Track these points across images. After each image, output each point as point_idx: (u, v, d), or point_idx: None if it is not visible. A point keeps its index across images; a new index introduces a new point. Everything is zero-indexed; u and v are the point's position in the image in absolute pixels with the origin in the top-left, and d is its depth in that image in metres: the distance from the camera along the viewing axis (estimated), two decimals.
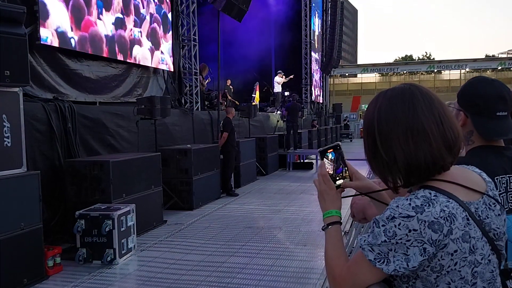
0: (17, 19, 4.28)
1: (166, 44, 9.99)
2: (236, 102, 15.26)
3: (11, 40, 4.19)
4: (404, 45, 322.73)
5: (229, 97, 15.40)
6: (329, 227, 1.29)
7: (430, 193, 1.10)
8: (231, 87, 16.36)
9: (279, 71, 18.22)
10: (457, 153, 1.16)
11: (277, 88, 17.98)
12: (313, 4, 24.09)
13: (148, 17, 9.20)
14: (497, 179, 1.56)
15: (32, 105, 5.64)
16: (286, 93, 18.16)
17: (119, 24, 8.24)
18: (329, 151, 1.36)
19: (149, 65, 9.26)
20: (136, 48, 8.74)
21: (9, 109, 4.30)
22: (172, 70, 10.24)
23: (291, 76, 18.54)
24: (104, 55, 7.81)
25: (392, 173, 1.17)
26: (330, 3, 25.03)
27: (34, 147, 5.54)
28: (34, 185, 4.49)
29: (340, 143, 1.38)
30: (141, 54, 8.94)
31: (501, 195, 1.54)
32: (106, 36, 7.84)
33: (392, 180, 1.18)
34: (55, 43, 6.63)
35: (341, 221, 1.30)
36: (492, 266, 1.13)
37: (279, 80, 17.92)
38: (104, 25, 7.78)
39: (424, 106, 1.13)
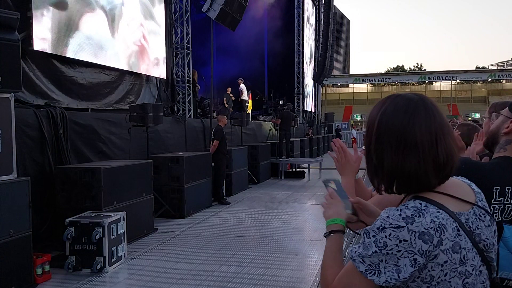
0: (10, 25, 4.27)
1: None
2: (231, 110, 15.38)
3: (4, 46, 4.17)
4: (396, 56, 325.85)
5: (226, 105, 15.63)
6: (331, 234, 1.30)
7: (421, 204, 1.10)
8: (231, 95, 16.48)
9: (240, 78, 16.89)
10: (447, 176, 1.16)
11: (245, 96, 16.76)
12: (306, 15, 24.31)
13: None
14: (508, 188, 1.57)
15: (23, 111, 5.61)
16: (281, 102, 18.21)
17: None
18: (331, 182, 1.44)
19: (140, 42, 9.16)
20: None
21: (1, 115, 4.27)
22: (165, 76, 10.24)
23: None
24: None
25: (377, 176, 1.20)
26: (323, 14, 25.26)
27: (25, 153, 5.49)
28: (24, 192, 4.45)
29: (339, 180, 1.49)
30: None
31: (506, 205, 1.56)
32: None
33: (377, 183, 1.21)
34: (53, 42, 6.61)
35: (345, 230, 1.31)
36: (483, 277, 1.14)
37: (243, 88, 16.69)
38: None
39: (424, 122, 1.14)
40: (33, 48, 6.30)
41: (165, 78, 10.26)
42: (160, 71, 9.99)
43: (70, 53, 7.09)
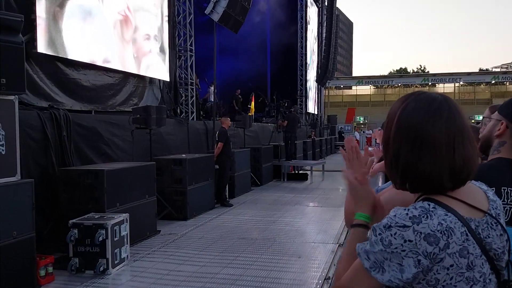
0: (14, 27, 4.29)
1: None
2: (242, 113, 15.50)
3: (8, 48, 4.19)
4: (399, 58, 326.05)
5: (236, 107, 15.92)
6: (353, 228, 1.30)
7: (429, 205, 1.10)
8: (240, 96, 16.64)
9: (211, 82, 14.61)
10: (463, 181, 1.15)
11: (211, 97, 14.51)
12: (309, 17, 24.33)
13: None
14: (504, 189, 1.59)
15: (27, 113, 5.63)
16: (286, 104, 18.24)
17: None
18: None
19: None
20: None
21: (4, 117, 4.29)
22: (168, 79, 10.26)
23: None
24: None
25: (392, 170, 1.20)
26: (325, 16, 25.29)
27: (28, 155, 5.51)
28: (28, 194, 4.47)
29: None
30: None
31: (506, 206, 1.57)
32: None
33: (393, 177, 1.21)
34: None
35: (367, 224, 1.28)
36: (492, 285, 1.12)
37: (211, 91, 14.68)
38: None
39: (444, 124, 1.13)
40: (37, 51, 6.33)
41: (168, 80, 10.28)
42: (161, 66, 9.94)
43: (65, 20, 6.93)
